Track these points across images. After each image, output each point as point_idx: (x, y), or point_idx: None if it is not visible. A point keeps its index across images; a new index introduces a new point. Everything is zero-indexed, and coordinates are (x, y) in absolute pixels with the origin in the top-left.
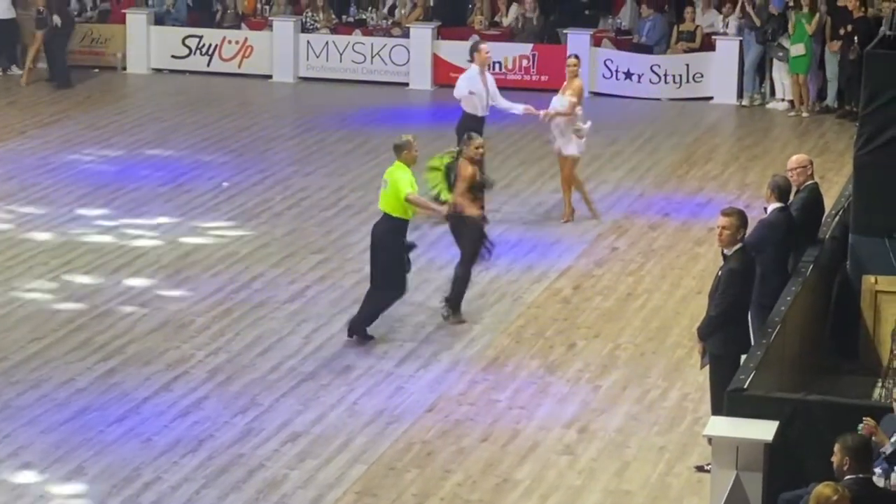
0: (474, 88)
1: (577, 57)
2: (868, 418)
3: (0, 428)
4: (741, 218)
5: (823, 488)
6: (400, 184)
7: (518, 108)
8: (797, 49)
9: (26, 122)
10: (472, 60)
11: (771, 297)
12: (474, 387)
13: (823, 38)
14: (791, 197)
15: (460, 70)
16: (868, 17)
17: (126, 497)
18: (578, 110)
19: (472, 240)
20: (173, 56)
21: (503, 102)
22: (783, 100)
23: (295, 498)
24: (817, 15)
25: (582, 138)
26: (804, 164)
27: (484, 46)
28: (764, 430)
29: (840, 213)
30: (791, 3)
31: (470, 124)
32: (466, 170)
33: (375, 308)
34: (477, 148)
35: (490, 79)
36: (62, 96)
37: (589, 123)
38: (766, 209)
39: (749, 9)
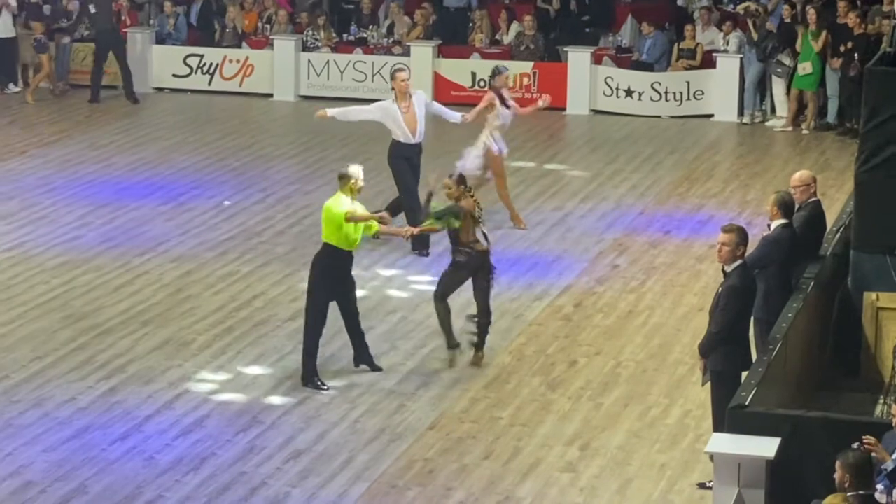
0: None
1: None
2: (868, 437)
3: (1, 447)
4: (741, 235)
5: (833, 499)
6: (334, 208)
7: (455, 117)
8: (804, 67)
9: (27, 141)
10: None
11: (774, 314)
12: (476, 404)
13: (825, 56)
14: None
15: (461, 88)
16: (869, 33)
17: None
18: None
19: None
20: (174, 75)
21: (443, 112)
22: (784, 118)
23: None
24: (824, 32)
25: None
26: (807, 182)
27: (399, 74)
28: (766, 446)
29: (841, 229)
30: (787, 20)
31: (395, 150)
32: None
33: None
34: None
35: (418, 100)
36: (62, 116)
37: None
38: (769, 226)
39: (750, 25)
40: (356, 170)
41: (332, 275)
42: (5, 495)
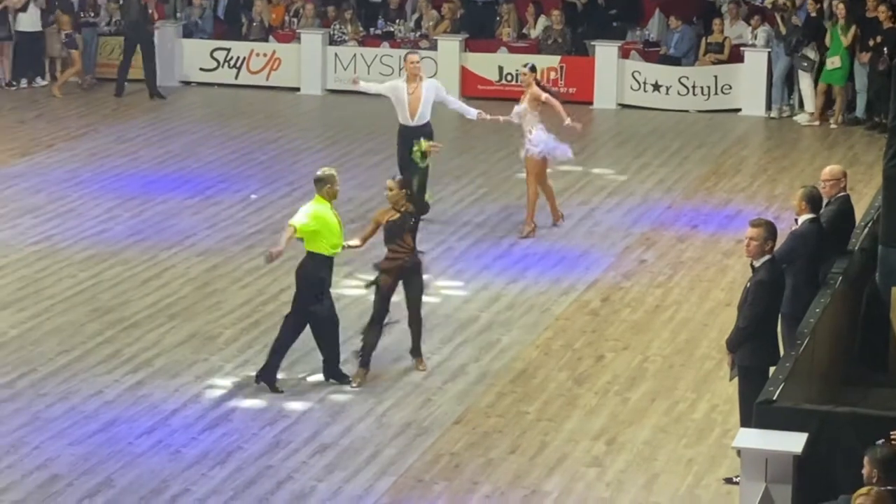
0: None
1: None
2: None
3: (29, 440)
4: (769, 229)
5: (861, 494)
6: (299, 213)
7: (472, 113)
8: (833, 61)
9: (54, 134)
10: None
11: (802, 309)
12: (502, 399)
13: (853, 50)
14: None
15: (488, 82)
16: None
17: None
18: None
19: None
20: (201, 69)
21: (460, 107)
22: (812, 113)
23: None
24: (853, 27)
25: (533, 144)
26: (838, 177)
27: (410, 56)
28: (793, 442)
29: (869, 224)
30: (814, 14)
31: (398, 132)
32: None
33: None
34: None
35: (428, 86)
36: (89, 109)
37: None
38: (796, 220)
39: (778, 19)
40: (334, 172)
41: (313, 278)
42: (32, 488)
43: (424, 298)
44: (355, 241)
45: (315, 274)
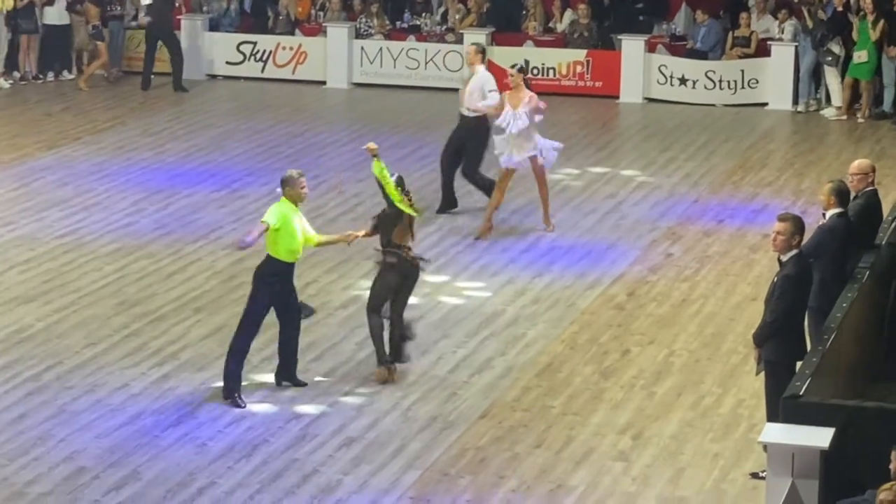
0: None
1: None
2: None
3: (55, 433)
4: (796, 224)
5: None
6: (266, 215)
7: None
8: (860, 56)
9: (81, 127)
10: None
11: (829, 304)
12: (528, 393)
13: (881, 44)
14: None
15: None
16: None
17: (180, 502)
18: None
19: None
20: (228, 62)
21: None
22: (839, 107)
23: (349, 503)
24: (882, 22)
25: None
26: (866, 171)
27: (468, 47)
28: (820, 436)
29: None
30: (840, 8)
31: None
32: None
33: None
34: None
35: (478, 78)
36: (116, 102)
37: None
38: (824, 214)
39: (805, 13)
40: (296, 174)
41: (273, 286)
42: (59, 481)
43: (447, 291)
44: (362, 232)
45: (262, 277)
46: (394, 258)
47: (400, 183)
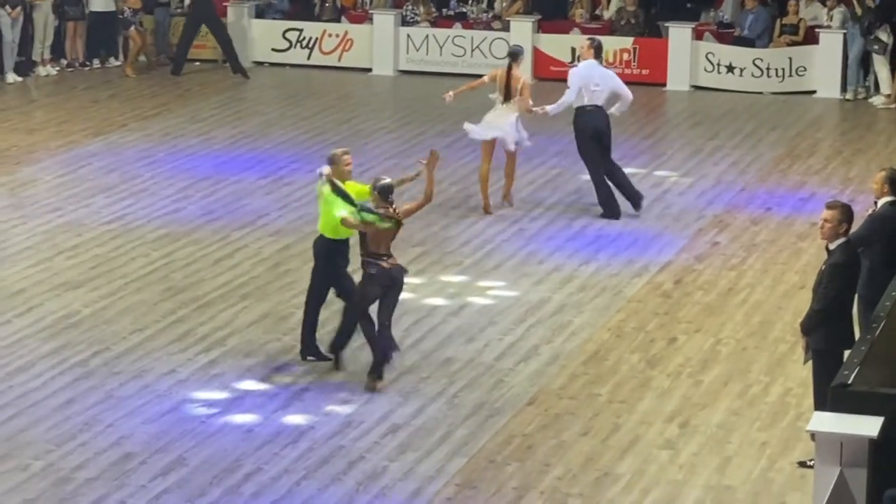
0: None
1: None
2: None
3: (102, 418)
4: (844, 212)
5: None
6: (333, 204)
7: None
8: None
9: (127, 114)
10: None
11: (879, 293)
12: (574, 381)
13: None
14: None
15: (561, 63)
16: None
17: (227, 488)
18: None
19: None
20: (274, 49)
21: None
22: (888, 95)
23: (395, 490)
24: None
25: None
26: None
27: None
28: (868, 425)
29: None
30: None
31: None
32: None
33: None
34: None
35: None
36: (162, 89)
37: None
38: (875, 202)
39: (853, 0)
40: (340, 152)
41: (332, 263)
42: (106, 466)
43: (492, 284)
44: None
45: (328, 260)
46: (373, 269)
47: (386, 190)
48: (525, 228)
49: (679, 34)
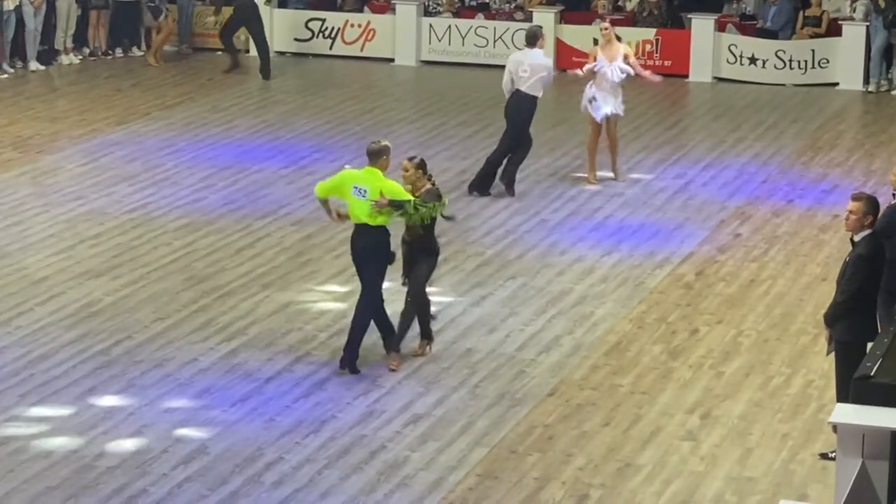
0: None
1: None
2: None
3: (124, 406)
4: (869, 204)
5: None
6: (396, 188)
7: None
8: None
9: (150, 103)
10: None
11: None
12: (596, 371)
13: None
14: None
15: (583, 54)
16: None
17: (248, 477)
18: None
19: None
20: (296, 39)
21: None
22: None
23: (416, 479)
24: None
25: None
26: None
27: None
28: (891, 418)
29: None
30: None
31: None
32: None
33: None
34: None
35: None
36: (185, 78)
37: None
38: (893, 195)
39: None
40: (389, 144)
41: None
42: (127, 455)
43: (515, 269)
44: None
45: (383, 250)
46: (436, 244)
47: (421, 165)
48: (547, 219)
49: (702, 26)
